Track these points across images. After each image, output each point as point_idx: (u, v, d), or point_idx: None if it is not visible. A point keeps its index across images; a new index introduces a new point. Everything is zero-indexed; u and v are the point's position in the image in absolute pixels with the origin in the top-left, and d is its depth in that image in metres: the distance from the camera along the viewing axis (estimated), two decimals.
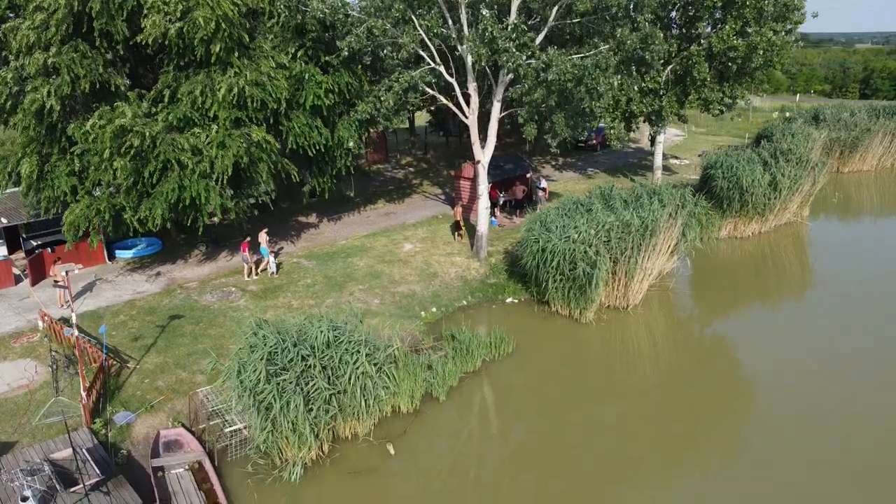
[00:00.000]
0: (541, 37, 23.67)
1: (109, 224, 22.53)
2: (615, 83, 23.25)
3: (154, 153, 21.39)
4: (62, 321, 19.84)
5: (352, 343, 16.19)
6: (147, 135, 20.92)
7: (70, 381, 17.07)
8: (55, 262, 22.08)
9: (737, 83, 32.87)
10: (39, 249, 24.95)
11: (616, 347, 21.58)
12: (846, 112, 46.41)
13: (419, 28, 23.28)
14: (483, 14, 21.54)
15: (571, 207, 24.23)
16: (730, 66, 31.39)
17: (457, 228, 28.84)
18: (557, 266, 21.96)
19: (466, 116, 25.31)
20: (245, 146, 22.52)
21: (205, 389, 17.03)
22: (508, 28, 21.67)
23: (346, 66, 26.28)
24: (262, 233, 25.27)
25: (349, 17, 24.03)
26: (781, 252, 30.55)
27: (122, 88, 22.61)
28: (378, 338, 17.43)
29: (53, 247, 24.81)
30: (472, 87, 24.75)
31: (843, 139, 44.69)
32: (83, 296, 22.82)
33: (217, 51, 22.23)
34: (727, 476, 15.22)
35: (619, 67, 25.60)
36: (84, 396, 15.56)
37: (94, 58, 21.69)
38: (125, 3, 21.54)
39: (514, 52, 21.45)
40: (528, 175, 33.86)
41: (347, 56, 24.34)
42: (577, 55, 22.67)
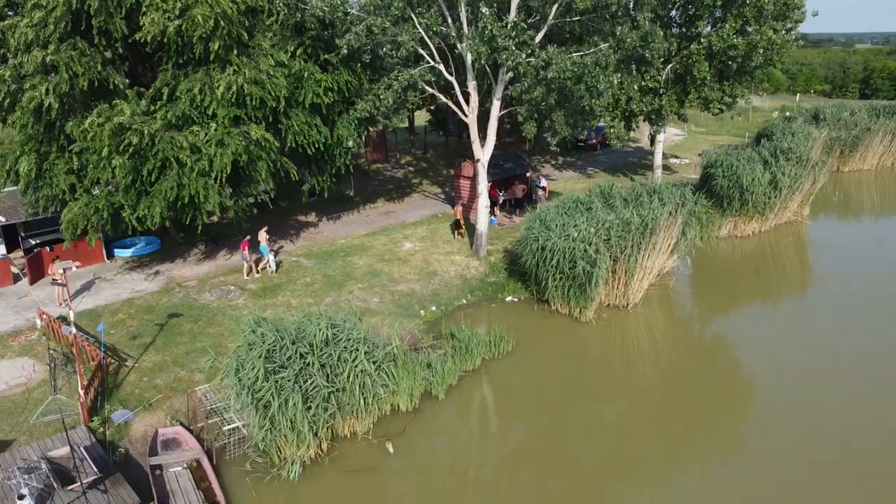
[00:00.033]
0: (540, 35, 23.62)
1: (108, 222, 22.50)
2: (615, 81, 23.24)
3: (153, 151, 21.34)
4: (60, 319, 19.80)
5: (351, 341, 16.14)
6: (146, 133, 20.88)
7: (68, 380, 17.01)
8: (53, 261, 22.04)
9: (737, 82, 32.85)
10: (38, 248, 24.89)
11: (616, 346, 21.53)
12: (846, 111, 46.37)
13: (419, 26, 23.24)
14: (482, 12, 21.48)
15: (571, 206, 24.17)
16: (730, 65, 31.38)
17: (457, 227, 28.80)
18: (557, 264, 21.91)
19: (466, 115, 25.27)
20: (244, 144, 22.46)
21: (203, 388, 16.99)
22: (508, 26, 21.61)
23: (346, 65, 26.24)
24: (262, 231, 25.24)
25: (348, 15, 23.97)
26: (782, 251, 30.50)
27: (121, 86, 22.55)
28: (377, 336, 17.38)
29: (52, 245, 24.76)
30: (472, 86, 24.70)
31: (844, 138, 44.65)
32: (82, 294, 22.77)
33: (216, 49, 22.18)
34: (727, 475, 15.17)
35: (619, 66, 25.57)
36: (82, 395, 15.52)
37: (93, 56, 21.65)
38: (124, 1, 21.50)
39: (514, 51, 21.41)
40: (528, 174, 33.82)
41: (347, 54, 24.31)
42: (577, 53, 22.63)
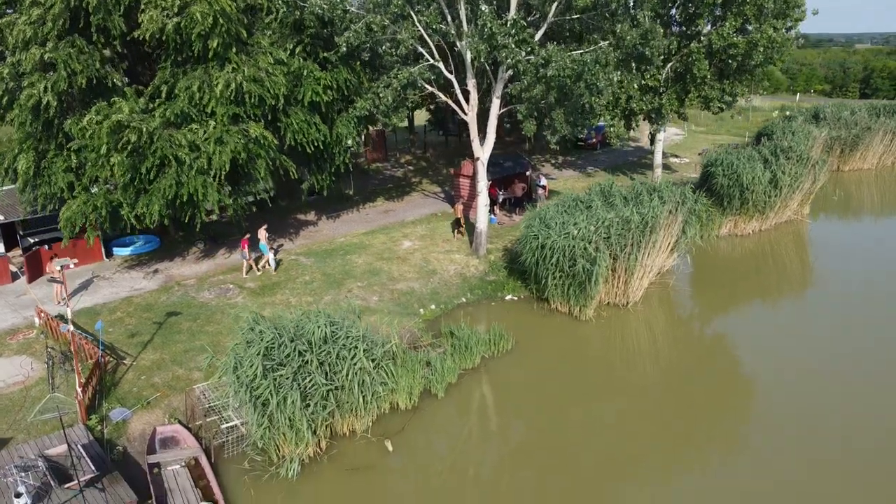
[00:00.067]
0: (540, 33, 23.58)
1: (106, 220, 22.46)
2: (615, 79, 23.20)
3: (151, 149, 21.29)
4: (59, 318, 19.73)
5: (349, 339, 16.08)
6: (144, 131, 20.82)
7: (66, 378, 16.94)
8: (52, 259, 21.97)
9: (737, 81, 32.79)
10: (36, 246, 24.83)
11: (616, 345, 21.48)
12: (847, 110, 46.33)
13: (418, 24, 23.19)
14: (482, 10, 21.43)
15: (571, 204, 24.08)
16: (730, 64, 31.34)
17: (457, 226, 28.75)
18: (557, 263, 21.85)
19: (465, 113, 25.22)
20: (243, 142, 22.42)
21: (201, 386, 16.94)
22: (508, 24, 21.57)
23: (345, 63, 26.19)
24: (262, 230, 25.19)
25: (347, 13, 23.94)
26: (782, 250, 30.45)
27: (119, 84, 22.53)
28: (376, 334, 17.32)
29: (50, 244, 24.70)
30: (472, 84, 24.65)
31: (844, 137, 44.60)
32: (80, 293, 22.72)
33: (215, 46, 22.14)
34: (727, 474, 15.12)
35: (619, 64, 25.52)
36: (80, 393, 15.47)
37: (91, 53, 21.60)
38: None
39: (514, 49, 21.36)
40: (528, 173, 33.76)
41: (346, 52, 24.25)
42: (577, 51, 22.58)
